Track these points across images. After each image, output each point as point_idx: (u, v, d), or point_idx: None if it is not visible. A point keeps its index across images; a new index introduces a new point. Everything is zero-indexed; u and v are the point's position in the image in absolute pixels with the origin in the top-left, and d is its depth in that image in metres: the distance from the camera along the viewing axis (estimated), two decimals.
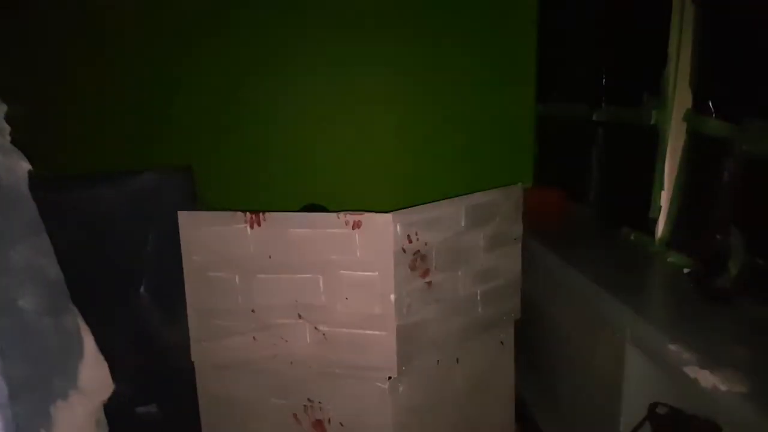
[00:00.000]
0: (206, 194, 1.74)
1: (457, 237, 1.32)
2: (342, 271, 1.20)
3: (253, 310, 1.27)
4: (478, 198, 1.37)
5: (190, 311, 1.33)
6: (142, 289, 1.71)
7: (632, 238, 1.43)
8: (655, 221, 1.34)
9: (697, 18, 1.21)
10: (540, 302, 1.54)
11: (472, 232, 1.36)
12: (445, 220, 1.29)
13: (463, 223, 1.33)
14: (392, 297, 1.17)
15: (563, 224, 1.72)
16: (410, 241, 1.21)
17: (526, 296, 1.50)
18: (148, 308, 1.70)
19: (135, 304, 1.75)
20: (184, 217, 1.28)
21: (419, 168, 2.32)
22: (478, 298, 1.40)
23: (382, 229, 1.17)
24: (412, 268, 1.22)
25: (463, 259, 1.35)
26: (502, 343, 1.48)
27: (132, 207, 1.72)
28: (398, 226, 1.18)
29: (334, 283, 1.21)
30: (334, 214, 1.19)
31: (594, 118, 1.70)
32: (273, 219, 1.22)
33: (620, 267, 1.28)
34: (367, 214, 1.18)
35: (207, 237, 1.27)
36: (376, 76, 2.29)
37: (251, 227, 1.23)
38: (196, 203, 1.70)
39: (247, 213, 1.23)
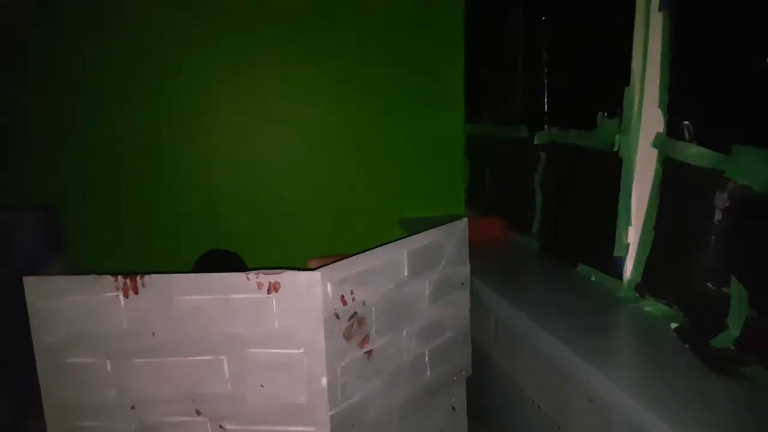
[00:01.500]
0: (74, 243, 1.36)
1: (400, 289, 1.07)
2: (254, 350, 0.91)
3: (132, 407, 0.94)
4: (421, 240, 1.13)
5: (46, 409, 0.97)
6: None
7: (593, 278, 1.25)
8: (621, 261, 1.17)
9: (667, 27, 1.05)
10: (493, 356, 1.33)
11: (417, 281, 1.12)
12: (385, 270, 1.03)
13: (406, 272, 1.08)
14: (324, 380, 0.90)
15: (506, 259, 1.53)
16: (344, 303, 0.94)
17: (474, 347, 1.29)
18: None
19: None
20: (31, 284, 0.93)
21: (342, 201, 2.05)
22: (426, 359, 1.16)
23: (308, 292, 0.89)
24: (348, 337, 0.95)
25: (407, 314, 1.10)
26: (453, 408, 1.25)
27: None
28: (329, 286, 0.91)
29: (243, 366, 0.91)
30: (241, 275, 0.90)
31: (535, 141, 1.52)
32: (155, 283, 0.90)
33: (587, 316, 1.08)
34: (286, 273, 0.89)
35: (63, 310, 0.93)
36: (291, 97, 2.00)
37: (125, 295, 0.91)
38: (60, 253, 1.33)
39: (119, 277, 0.90)
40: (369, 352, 1.00)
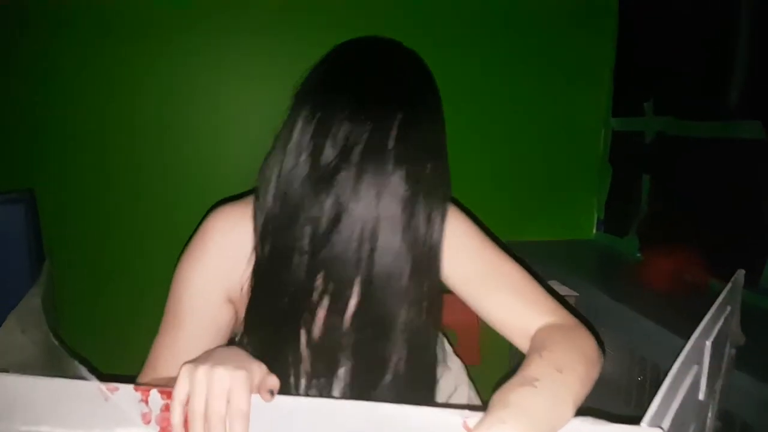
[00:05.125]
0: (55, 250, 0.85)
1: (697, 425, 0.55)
2: None
3: None
4: (716, 319, 0.60)
5: None
6: None
7: None
8: None
9: None
10: None
11: (707, 401, 0.59)
12: (688, 398, 0.51)
13: (702, 392, 0.56)
14: None
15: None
16: None
17: None
18: None
19: None
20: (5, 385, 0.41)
21: None
22: None
23: None
24: None
25: None
26: None
27: None
28: None
29: None
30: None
31: None
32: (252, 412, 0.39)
33: None
34: None
35: None
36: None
37: None
38: (40, 253, 0.83)
39: (149, 391, 0.38)
40: None
